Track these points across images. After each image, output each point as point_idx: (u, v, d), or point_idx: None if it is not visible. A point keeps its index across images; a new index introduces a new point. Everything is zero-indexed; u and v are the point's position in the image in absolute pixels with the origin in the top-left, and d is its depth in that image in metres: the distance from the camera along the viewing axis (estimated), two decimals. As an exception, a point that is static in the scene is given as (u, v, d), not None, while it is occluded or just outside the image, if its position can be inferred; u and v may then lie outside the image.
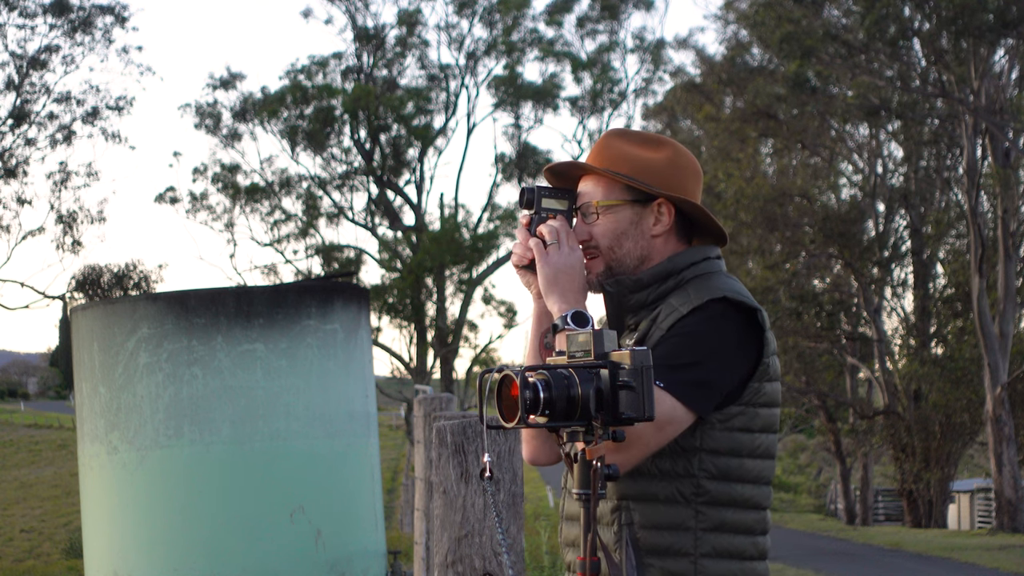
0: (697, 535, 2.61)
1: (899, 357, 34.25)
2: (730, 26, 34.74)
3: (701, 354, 2.56)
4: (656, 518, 2.60)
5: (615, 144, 2.79)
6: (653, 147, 2.78)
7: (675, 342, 2.58)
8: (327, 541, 4.89)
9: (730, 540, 2.63)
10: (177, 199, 43.07)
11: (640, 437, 2.49)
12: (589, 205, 2.76)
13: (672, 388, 2.52)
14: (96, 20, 36.07)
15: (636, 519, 2.61)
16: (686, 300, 2.64)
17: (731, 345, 2.61)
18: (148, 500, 4.88)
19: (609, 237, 2.75)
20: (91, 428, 4.99)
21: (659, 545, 2.60)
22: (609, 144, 2.79)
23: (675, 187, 2.75)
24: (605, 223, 2.75)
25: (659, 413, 2.44)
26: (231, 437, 4.82)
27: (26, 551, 25.62)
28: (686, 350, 2.56)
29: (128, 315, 4.89)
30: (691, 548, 2.60)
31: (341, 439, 5.02)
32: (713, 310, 2.61)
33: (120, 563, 4.91)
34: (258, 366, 4.84)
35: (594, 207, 2.75)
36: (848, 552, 20.97)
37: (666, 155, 2.76)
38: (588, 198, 2.77)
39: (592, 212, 2.75)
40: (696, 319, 2.60)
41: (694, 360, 2.55)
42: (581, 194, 2.79)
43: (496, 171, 42.85)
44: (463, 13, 41.46)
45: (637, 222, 2.75)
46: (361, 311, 5.19)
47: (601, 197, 2.76)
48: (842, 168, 35.91)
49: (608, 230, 2.75)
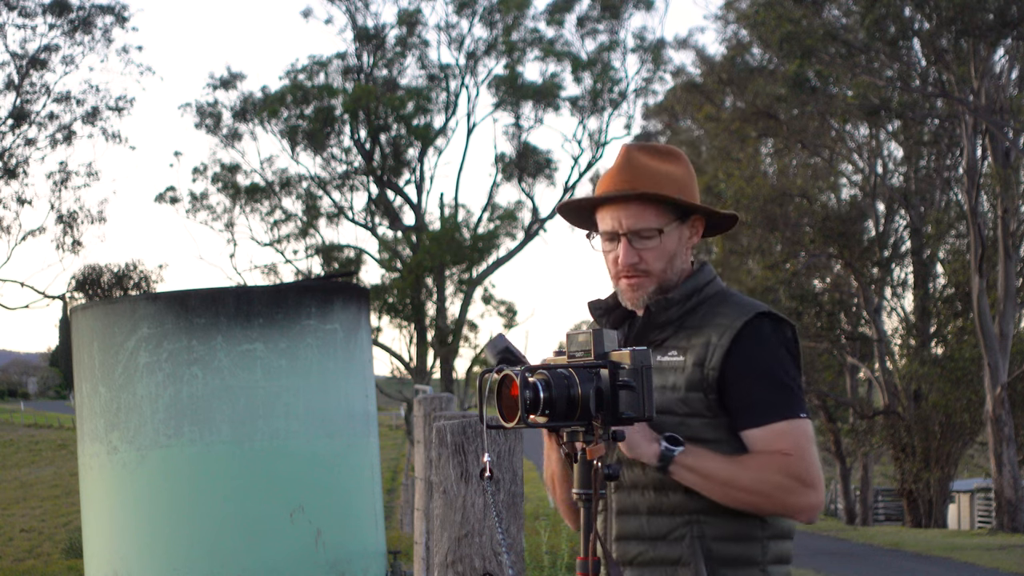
0: (764, 544, 2.73)
1: (899, 357, 34.24)
2: (730, 26, 34.77)
3: (785, 371, 2.73)
4: (728, 530, 2.70)
5: (644, 162, 2.80)
6: (674, 160, 2.83)
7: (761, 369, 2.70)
8: (327, 541, 4.89)
9: (784, 546, 2.78)
10: (177, 199, 43.09)
11: (817, 470, 2.70)
12: (647, 231, 2.77)
13: (797, 410, 2.70)
14: (96, 20, 36.09)
15: (708, 532, 2.69)
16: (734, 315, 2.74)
17: (792, 357, 2.78)
18: (148, 500, 4.88)
19: (663, 260, 2.79)
20: (91, 428, 4.99)
21: (731, 556, 2.70)
22: (639, 163, 2.80)
23: (697, 197, 2.85)
24: (659, 246, 2.79)
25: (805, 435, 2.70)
26: (231, 437, 4.82)
27: (26, 551, 25.62)
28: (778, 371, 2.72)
29: (128, 315, 4.89)
30: (760, 556, 2.72)
31: (341, 439, 5.02)
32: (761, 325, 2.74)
33: (120, 563, 4.91)
34: (258, 366, 4.84)
35: (654, 232, 2.77)
36: (848, 552, 20.96)
37: (685, 166, 2.83)
38: (639, 223, 2.77)
39: (649, 237, 2.77)
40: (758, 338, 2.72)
41: (784, 380, 2.72)
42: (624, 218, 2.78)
43: (496, 171, 42.86)
44: (463, 13, 41.46)
45: (683, 240, 2.82)
46: (361, 311, 5.19)
47: (655, 222, 2.78)
48: (842, 168, 35.90)
49: (662, 253, 2.79)
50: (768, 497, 2.65)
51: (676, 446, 2.64)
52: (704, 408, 2.70)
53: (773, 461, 2.66)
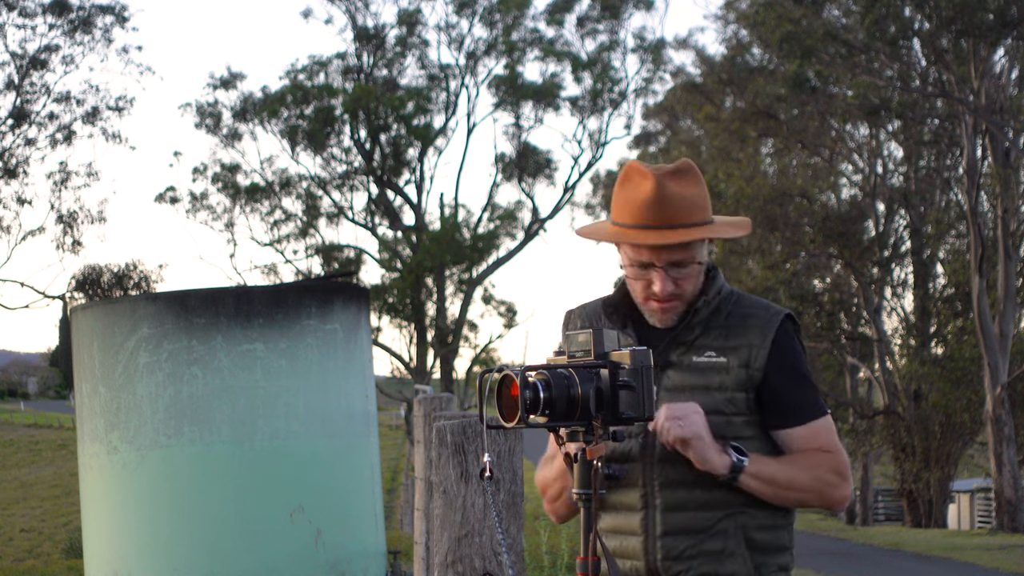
0: (788, 531, 2.92)
1: (899, 357, 34.24)
2: (730, 26, 34.77)
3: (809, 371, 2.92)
4: (764, 520, 2.84)
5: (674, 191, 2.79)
6: (695, 180, 2.84)
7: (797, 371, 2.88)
8: (327, 541, 4.89)
9: (794, 532, 2.95)
10: (177, 199, 43.08)
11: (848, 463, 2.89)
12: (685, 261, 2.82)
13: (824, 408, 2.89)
14: (96, 20, 36.07)
15: (749, 523, 2.83)
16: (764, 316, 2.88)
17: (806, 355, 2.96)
18: (148, 500, 4.88)
19: (695, 283, 2.87)
20: (91, 428, 4.99)
21: (768, 543, 2.85)
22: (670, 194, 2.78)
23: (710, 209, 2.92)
24: (693, 271, 2.85)
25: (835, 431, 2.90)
26: (231, 437, 4.82)
27: (26, 551, 25.60)
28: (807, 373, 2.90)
29: (128, 315, 4.89)
30: (788, 542, 2.91)
31: (341, 439, 5.02)
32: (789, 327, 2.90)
33: (120, 563, 4.91)
34: (258, 366, 4.84)
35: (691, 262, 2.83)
36: (848, 552, 20.97)
37: (702, 183, 2.86)
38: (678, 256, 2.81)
39: (685, 266, 2.82)
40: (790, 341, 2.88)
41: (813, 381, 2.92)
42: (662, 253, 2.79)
43: (496, 171, 42.84)
44: (463, 13, 41.45)
45: (706, 257, 2.91)
46: (361, 311, 5.19)
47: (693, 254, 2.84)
48: (842, 168, 35.90)
49: (695, 277, 2.86)
50: (818, 493, 2.84)
51: (744, 456, 2.77)
52: (746, 407, 2.84)
53: (820, 460, 2.83)
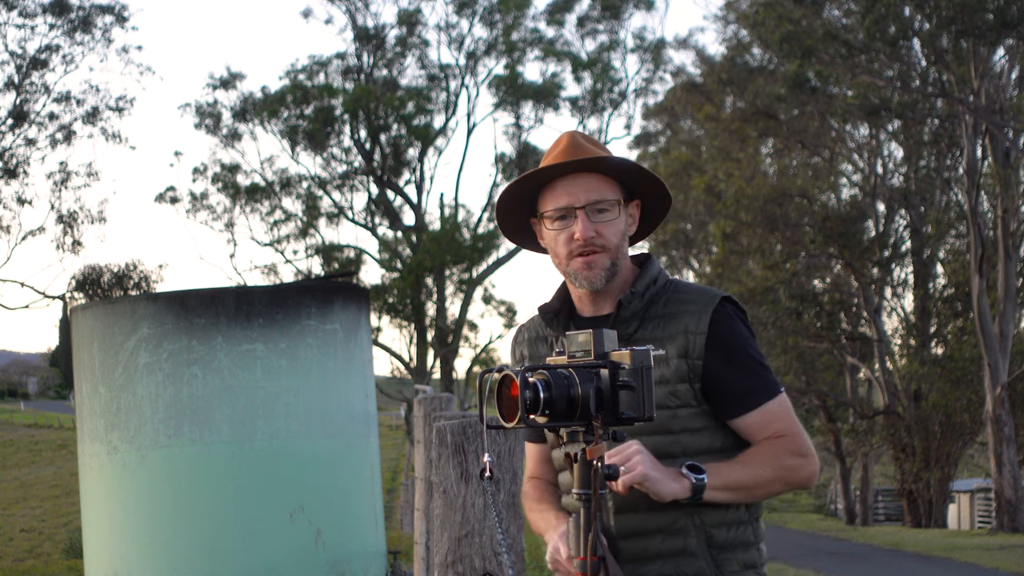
0: (753, 526, 2.82)
1: (899, 357, 34.23)
2: (730, 26, 34.75)
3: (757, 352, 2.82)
4: (723, 517, 2.76)
5: (589, 146, 2.81)
6: (606, 150, 2.84)
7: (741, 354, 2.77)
8: (327, 541, 4.89)
9: (762, 525, 2.88)
10: (177, 199, 43.07)
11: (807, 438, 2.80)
12: (604, 203, 2.77)
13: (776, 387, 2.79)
14: (96, 20, 36.05)
15: (707, 520, 2.75)
16: (701, 302, 2.78)
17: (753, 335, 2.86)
18: (148, 500, 4.88)
19: (618, 236, 2.80)
20: (91, 428, 4.99)
21: (729, 541, 2.77)
22: (584, 144, 2.81)
23: None
24: (615, 220, 2.79)
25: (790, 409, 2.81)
26: (231, 437, 4.82)
27: (26, 551, 25.61)
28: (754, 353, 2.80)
29: (128, 315, 4.89)
30: (752, 538, 2.82)
31: (341, 439, 5.02)
32: (728, 310, 2.80)
33: (120, 563, 4.91)
34: (258, 366, 4.84)
35: (611, 204, 2.78)
36: (848, 552, 20.96)
37: (620, 156, 2.85)
38: (596, 195, 2.78)
39: (606, 211, 2.78)
40: (730, 324, 2.78)
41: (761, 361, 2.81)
42: (580, 192, 2.78)
43: (496, 171, 42.82)
44: (463, 13, 41.44)
45: (627, 222, 2.84)
46: (361, 311, 5.19)
47: (611, 194, 2.79)
48: (842, 168, 35.90)
49: (617, 229, 2.80)
50: (783, 480, 2.77)
51: (701, 474, 2.67)
52: (691, 398, 2.76)
53: (779, 446, 2.75)
